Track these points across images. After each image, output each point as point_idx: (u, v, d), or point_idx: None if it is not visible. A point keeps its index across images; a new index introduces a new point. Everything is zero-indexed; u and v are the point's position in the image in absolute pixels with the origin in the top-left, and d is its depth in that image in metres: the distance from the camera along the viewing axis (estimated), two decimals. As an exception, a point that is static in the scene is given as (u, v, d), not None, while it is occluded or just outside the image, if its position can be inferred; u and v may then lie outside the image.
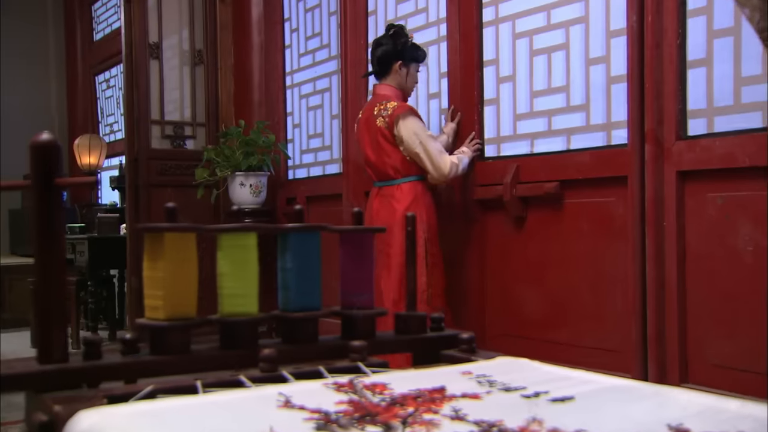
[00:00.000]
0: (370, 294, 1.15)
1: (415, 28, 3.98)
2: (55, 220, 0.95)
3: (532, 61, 3.35)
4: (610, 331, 2.97)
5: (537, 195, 3.26)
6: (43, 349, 0.92)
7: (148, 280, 1.03)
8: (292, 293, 1.10)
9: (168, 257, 1.01)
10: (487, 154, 3.57)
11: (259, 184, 4.63)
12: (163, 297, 1.01)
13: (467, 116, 3.61)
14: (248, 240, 1.08)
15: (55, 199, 0.95)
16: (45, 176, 0.95)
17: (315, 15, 4.79)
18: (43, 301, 0.93)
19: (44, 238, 0.94)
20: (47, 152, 0.94)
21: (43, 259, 0.93)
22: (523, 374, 0.98)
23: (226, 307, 1.07)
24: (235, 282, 1.06)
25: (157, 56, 5.02)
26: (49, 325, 0.92)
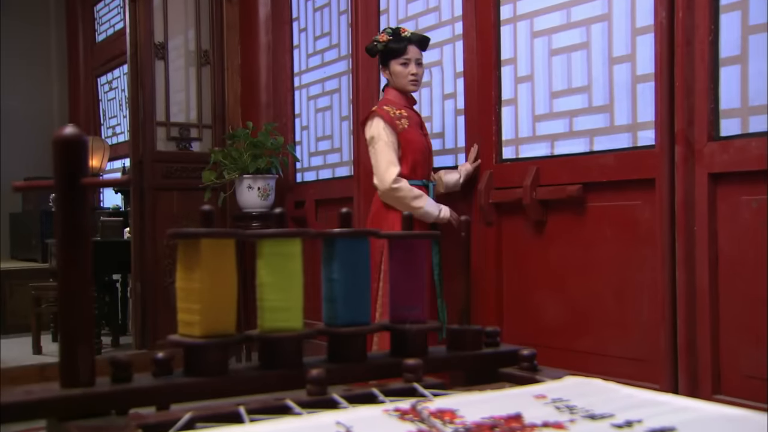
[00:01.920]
0: (423, 307, 1.04)
1: (427, 27, 3.89)
2: (80, 225, 0.84)
3: (551, 61, 3.25)
4: (636, 340, 2.87)
5: (558, 198, 3.16)
6: (67, 370, 0.81)
7: (183, 292, 0.92)
8: (338, 306, 0.99)
9: (205, 266, 0.91)
10: (505, 156, 3.47)
11: (267, 187, 4.53)
12: (199, 311, 0.90)
13: (484, 117, 3.51)
14: (292, 247, 0.97)
15: (81, 201, 0.85)
16: (70, 175, 0.84)
17: (324, 14, 4.70)
18: (67, 317, 0.82)
19: (68, 247, 0.83)
20: (72, 148, 0.84)
21: (66, 270, 0.82)
22: (604, 398, 0.87)
23: (267, 322, 0.96)
24: (277, 294, 0.96)
25: (163, 57, 4.92)
26: (74, 344, 0.82)
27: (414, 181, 3.38)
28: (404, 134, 3.39)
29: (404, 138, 3.38)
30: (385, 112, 3.39)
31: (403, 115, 3.43)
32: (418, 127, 3.47)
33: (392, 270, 1.05)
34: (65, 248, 0.84)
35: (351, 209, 1.02)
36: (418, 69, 3.46)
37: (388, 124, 3.36)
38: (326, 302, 1.02)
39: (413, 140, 3.41)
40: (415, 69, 3.45)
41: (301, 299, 0.99)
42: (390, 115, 3.39)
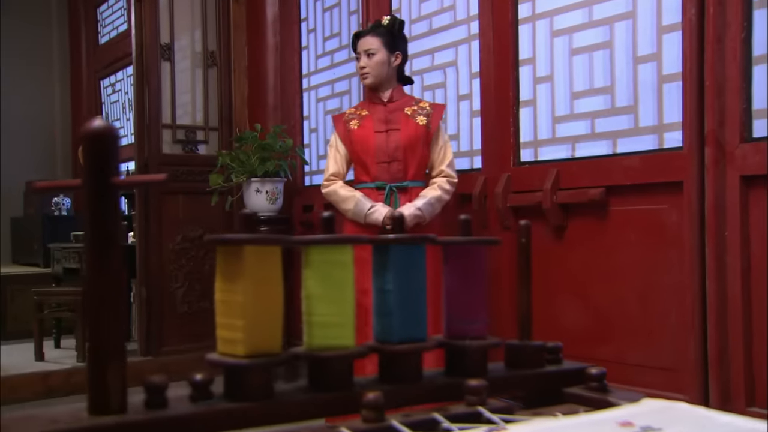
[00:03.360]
0: (484, 321, 0.95)
1: (441, 27, 3.80)
2: (111, 230, 0.75)
3: (571, 60, 3.16)
4: (662, 349, 2.77)
5: (580, 202, 3.06)
6: (96, 395, 0.72)
7: (223, 306, 0.83)
8: (393, 320, 0.90)
9: (249, 276, 0.81)
10: (523, 159, 3.38)
11: (276, 190, 4.43)
12: (242, 327, 0.80)
13: (502, 118, 3.41)
14: (343, 254, 0.87)
15: (112, 203, 0.75)
16: (99, 174, 0.75)
17: (334, 14, 4.61)
18: (95, 333, 0.73)
19: (97, 254, 0.74)
20: (102, 143, 0.74)
21: (95, 279, 0.73)
22: (698, 425, 0.78)
23: (316, 339, 0.86)
24: (327, 307, 0.86)
25: (169, 58, 4.83)
26: (104, 364, 0.72)
27: (364, 185, 3.29)
28: (351, 135, 3.31)
29: (350, 139, 3.31)
30: (338, 115, 3.43)
31: (360, 115, 3.34)
32: (380, 123, 3.26)
33: (448, 279, 0.96)
34: (94, 255, 0.74)
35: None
36: (368, 60, 3.25)
37: (334, 127, 3.39)
38: (378, 316, 0.92)
39: (361, 140, 3.27)
40: (363, 62, 3.27)
41: (353, 313, 0.90)
42: (343, 117, 3.39)
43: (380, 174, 3.26)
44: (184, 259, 4.84)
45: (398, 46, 3.30)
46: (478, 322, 0.94)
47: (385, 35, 3.27)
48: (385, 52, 3.26)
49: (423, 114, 3.26)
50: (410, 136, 3.21)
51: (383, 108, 3.30)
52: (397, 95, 3.32)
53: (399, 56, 3.31)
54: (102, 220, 0.75)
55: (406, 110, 3.28)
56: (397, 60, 3.30)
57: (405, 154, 3.23)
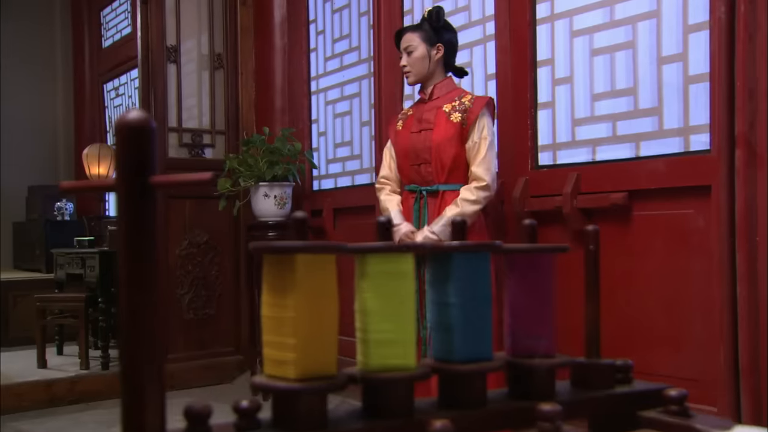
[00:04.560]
0: (551, 337, 0.86)
1: (456, 28, 3.70)
2: (149, 235, 0.66)
3: (592, 61, 3.08)
4: (690, 359, 2.68)
5: (601, 207, 2.97)
6: (131, 423, 0.62)
7: (271, 323, 0.74)
8: (455, 337, 0.81)
9: (301, 289, 0.72)
10: (542, 162, 3.29)
11: (284, 195, 4.34)
12: (294, 347, 0.71)
13: (519, 121, 3.33)
14: (403, 264, 0.78)
15: (150, 205, 0.66)
16: (137, 172, 0.66)
17: (343, 16, 4.52)
18: (131, 352, 0.64)
19: (134, 262, 0.65)
20: (140, 137, 0.66)
21: (131, 290, 0.64)
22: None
23: (373, 359, 0.77)
24: (386, 323, 0.77)
25: (175, 60, 4.74)
26: (140, 387, 0.63)
27: (406, 187, 3.16)
28: (394, 136, 3.22)
29: (393, 141, 3.22)
30: (394, 116, 3.33)
31: (406, 114, 3.22)
32: (416, 123, 3.10)
33: (512, 291, 0.87)
34: (131, 267, 0.65)
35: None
36: (407, 59, 3.09)
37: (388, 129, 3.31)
38: (438, 332, 0.83)
39: (399, 141, 3.17)
40: (404, 60, 3.12)
41: (414, 330, 0.80)
42: (396, 117, 3.31)
43: (414, 176, 3.10)
44: (190, 264, 4.75)
45: (440, 38, 3.07)
46: (545, 338, 0.85)
47: (423, 29, 3.09)
48: (424, 47, 3.06)
49: (460, 110, 3.00)
50: (442, 136, 3.00)
51: (423, 106, 3.13)
52: (439, 91, 3.08)
53: (441, 48, 3.06)
54: (140, 225, 0.66)
55: (444, 107, 3.04)
56: (439, 52, 3.06)
57: (435, 155, 3.02)
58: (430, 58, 3.07)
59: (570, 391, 0.88)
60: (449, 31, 3.13)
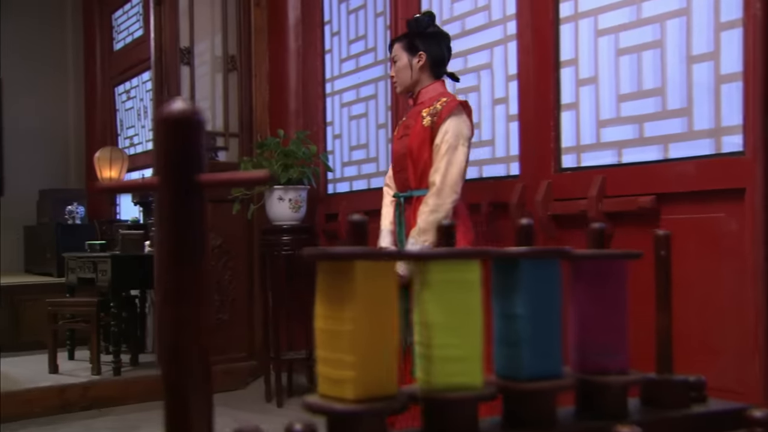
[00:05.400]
0: (626, 352, 0.79)
1: (475, 28, 3.65)
2: (197, 239, 0.59)
3: (617, 61, 3.00)
4: (723, 369, 2.60)
5: (628, 210, 2.89)
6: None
7: (326, 337, 0.67)
8: (523, 352, 0.73)
9: (361, 300, 0.65)
10: (565, 165, 3.21)
11: (299, 198, 4.28)
12: (353, 364, 0.64)
13: (541, 122, 3.25)
14: (470, 273, 0.71)
15: (198, 206, 0.60)
16: (182, 170, 0.59)
17: (359, 17, 4.46)
18: (177, 370, 0.57)
19: (180, 269, 0.58)
20: (186, 130, 0.59)
21: (177, 299, 0.57)
22: None
23: (438, 377, 0.70)
24: (452, 338, 0.70)
25: (188, 62, 4.68)
26: (185, 404, 0.57)
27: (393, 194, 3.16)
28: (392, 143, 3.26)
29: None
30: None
31: (401, 121, 3.21)
32: (401, 129, 3.12)
33: (580, 301, 0.79)
34: (176, 274, 0.58)
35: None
36: (394, 68, 3.12)
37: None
38: (502, 346, 0.76)
39: (392, 148, 3.24)
40: (392, 71, 3.14)
41: (481, 345, 0.73)
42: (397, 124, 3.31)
43: (398, 183, 3.11)
44: (203, 269, 4.68)
45: (421, 46, 3.05)
46: (619, 353, 0.77)
47: (405, 38, 3.10)
48: (406, 56, 3.07)
49: (432, 114, 2.96)
50: (415, 141, 2.98)
51: (410, 112, 3.14)
52: (422, 96, 3.06)
53: (422, 56, 3.04)
54: (186, 231, 0.59)
55: (423, 112, 3.01)
56: (420, 60, 3.04)
57: (410, 160, 3.00)
58: (411, 67, 3.06)
59: (642, 410, 0.80)
60: (434, 38, 3.09)
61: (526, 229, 0.79)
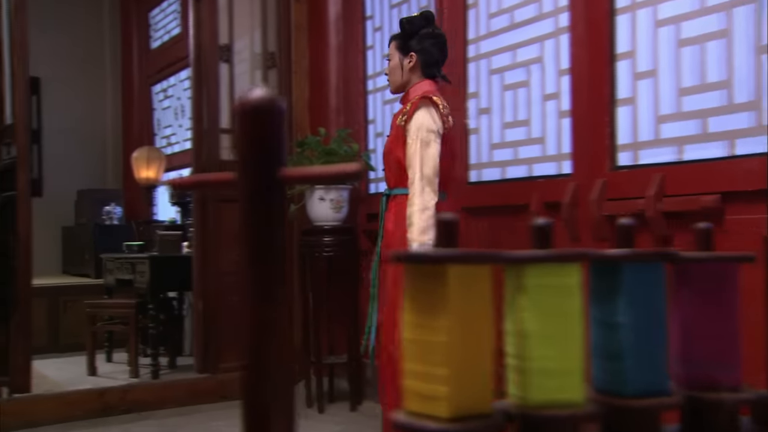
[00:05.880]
0: (738, 365, 0.68)
1: (524, 21, 3.52)
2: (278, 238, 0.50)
3: (678, 53, 2.85)
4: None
5: (690, 210, 2.74)
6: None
7: (415, 348, 0.58)
8: (626, 365, 0.64)
9: (454, 308, 0.57)
10: (621, 163, 3.07)
11: (341, 198, 4.18)
12: (447, 379, 0.56)
13: (595, 118, 3.11)
14: (569, 277, 0.62)
15: (279, 203, 0.50)
16: (263, 164, 0.49)
17: (402, 11, 4.35)
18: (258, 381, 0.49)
19: (262, 277, 0.50)
20: (267, 122, 0.49)
21: (258, 303, 0.49)
22: None
23: (535, 392, 0.60)
24: (550, 349, 0.60)
25: (227, 59, 4.61)
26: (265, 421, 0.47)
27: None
28: None
29: None
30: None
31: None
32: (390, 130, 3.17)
33: (686, 309, 0.68)
34: (258, 278, 0.50)
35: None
36: (387, 67, 3.15)
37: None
38: (602, 359, 0.66)
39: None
40: (386, 70, 3.17)
41: (582, 357, 0.63)
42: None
43: (386, 181, 3.19)
44: (242, 270, 4.60)
45: (413, 47, 3.04)
46: (731, 366, 0.67)
47: (398, 38, 3.10)
48: (398, 56, 3.08)
49: (404, 112, 2.99)
50: (390, 140, 3.04)
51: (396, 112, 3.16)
52: (407, 97, 3.06)
53: (413, 57, 3.04)
54: (267, 228, 0.49)
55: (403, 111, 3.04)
56: (411, 61, 3.04)
57: (386, 160, 3.09)
58: (402, 67, 3.06)
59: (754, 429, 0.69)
60: (427, 38, 3.05)
61: (626, 229, 0.69)
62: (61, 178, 7.27)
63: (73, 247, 7.21)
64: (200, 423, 3.98)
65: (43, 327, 5.70)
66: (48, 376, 4.72)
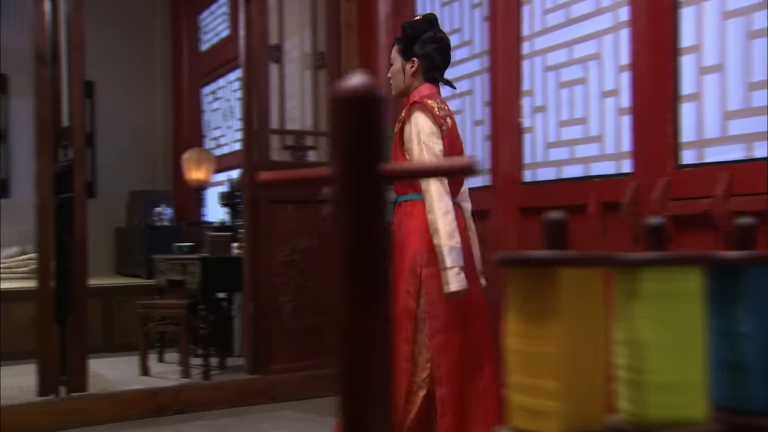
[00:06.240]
0: None
1: (581, 16, 3.42)
2: (377, 239, 0.45)
3: (748, 46, 2.74)
4: None
5: (761, 210, 2.62)
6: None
7: (521, 359, 0.53)
8: (753, 380, 0.57)
9: (566, 316, 0.52)
10: (685, 161, 2.96)
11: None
12: (558, 393, 0.51)
13: (657, 115, 3.01)
14: (690, 282, 0.55)
15: (380, 202, 0.44)
16: (362, 158, 0.44)
17: (454, 9, 4.28)
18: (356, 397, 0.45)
19: (361, 282, 0.45)
20: (367, 111, 0.44)
21: (354, 311, 0.45)
22: None
23: (652, 408, 0.54)
24: (670, 361, 0.55)
25: (278, 59, 4.60)
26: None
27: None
28: None
29: None
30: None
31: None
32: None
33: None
34: (356, 283, 0.45)
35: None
36: (390, 71, 3.05)
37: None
38: (723, 372, 0.59)
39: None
40: (389, 74, 3.07)
41: (704, 371, 0.56)
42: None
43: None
44: (292, 271, 4.59)
45: (415, 52, 2.93)
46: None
47: (401, 42, 3.00)
48: (400, 61, 2.97)
49: (400, 119, 2.93)
50: (392, 147, 2.92)
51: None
52: (409, 101, 2.94)
53: (415, 62, 2.92)
54: (366, 229, 0.44)
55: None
56: (413, 66, 2.92)
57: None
58: (404, 72, 2.96)
59: None
60: (429, 42, 2.95)
61: (746, 229, 0.62)
62: (113, 179, 7.37)
63: (125, 248, 7.29)
64: (251, 424, 3.97)
65: (97, 327, 5.77)
66: (103, 375, 4.77)
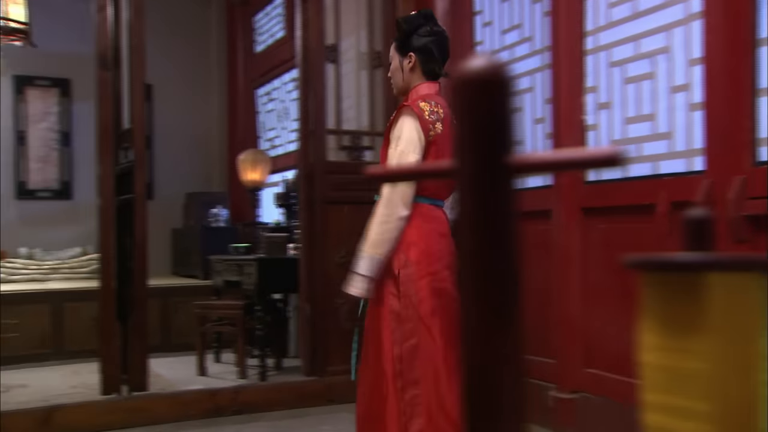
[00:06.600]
0: None
1: (649, 9, 3.30)
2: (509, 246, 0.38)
3: (831, 37, 2.59)
4: None
5: None
6: None
7: (662, 376, 0.47)
8: None
9: (717, 328, 0.44)
10: (763, 158, 2.82)
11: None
12: (709, 416, 0.44)
13: (733, 111, 2.87)
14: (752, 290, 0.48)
15: (510, 197, 0.38)
16: (489, 150, 0.37)
17: (513, 5, 4.18)
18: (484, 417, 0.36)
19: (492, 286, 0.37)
20: (494, 97, 0.37)
21: (490, 332, 0.38)
22: None
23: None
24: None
25: (334, 59, 4.56)
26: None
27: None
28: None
29: None
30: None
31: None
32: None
33: None
34: (484, 281, 0.37)
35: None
36: (389, 70, 2.93)
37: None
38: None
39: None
40: (389, 73, 2.94)
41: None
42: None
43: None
44: (347, 273, 4.53)
45: (412, 47, 2.80)
46: None
47: (396, 40, 2.89)
48: (397, 58, 2.85)
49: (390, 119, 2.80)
50: (382, 149, 2.82)
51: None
52: (408, 100, 2.79)
53: (412, 57, 2.79)
54: (494, 227, 0.37)
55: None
56: (411, 61, 2.79)
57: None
58: (402, 69, 2.83)
59: None
60: (425, 36, 2.82)
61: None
62: (170, 181, 7.44)
63: (181, 249, 7.35)
64: (310, 427, 3.93)
65: (155, 327, 5.82)
66: (162, 375, 4.79)
